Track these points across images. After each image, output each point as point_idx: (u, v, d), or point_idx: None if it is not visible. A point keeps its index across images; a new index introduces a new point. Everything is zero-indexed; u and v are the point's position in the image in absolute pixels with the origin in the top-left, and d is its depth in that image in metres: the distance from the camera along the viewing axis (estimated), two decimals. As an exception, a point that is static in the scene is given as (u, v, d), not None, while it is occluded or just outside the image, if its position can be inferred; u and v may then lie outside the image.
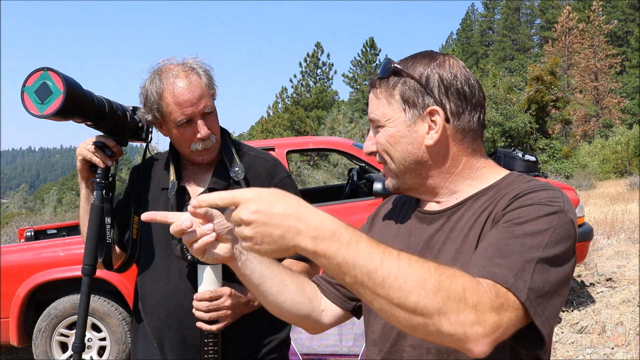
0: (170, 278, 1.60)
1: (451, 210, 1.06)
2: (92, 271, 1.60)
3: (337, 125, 24.70)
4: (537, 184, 0.99)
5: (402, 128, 1.04)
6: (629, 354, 4.00)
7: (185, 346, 1.57)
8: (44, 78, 1.43)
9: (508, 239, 0.88)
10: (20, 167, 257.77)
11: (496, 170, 1.08)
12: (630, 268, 6.33)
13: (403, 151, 1.05)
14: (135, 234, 1.67)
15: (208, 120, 1.56)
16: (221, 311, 1.48)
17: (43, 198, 58.85)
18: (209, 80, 1.58)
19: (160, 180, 1.69)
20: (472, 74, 1.06)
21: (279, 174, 1.68)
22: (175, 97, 1.51)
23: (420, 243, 1.07)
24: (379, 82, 1.07)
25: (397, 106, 1.04)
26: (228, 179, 1.61)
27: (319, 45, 43.31)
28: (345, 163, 18.87)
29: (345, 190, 5.46)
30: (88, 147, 1.60)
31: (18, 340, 4.07)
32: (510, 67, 50.17)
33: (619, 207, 12.54)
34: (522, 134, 29.07)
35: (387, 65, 1.06)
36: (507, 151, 5.78)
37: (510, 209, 0.93)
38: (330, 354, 3.02)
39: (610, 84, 47.65)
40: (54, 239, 4.62)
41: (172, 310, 1.58)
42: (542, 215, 0.90)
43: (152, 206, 1.67)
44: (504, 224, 0.91)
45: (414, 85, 1.03)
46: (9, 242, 10.36)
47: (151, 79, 1.56)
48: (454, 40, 79.14)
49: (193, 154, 1.59)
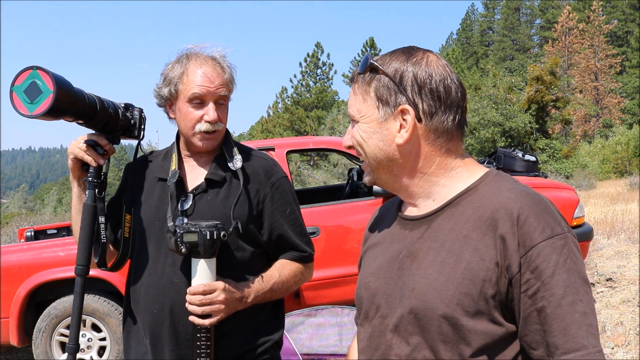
0: (164, 272, 1.60)
1: (431, 216, 1.05)
2: (85, 271, 1.58)
3: (337, 125, 24.70)
4: (523, 196, 0.98)
5: (374, 125, 1.05)
6: (629, 354, 4.00)
7: (179, 341, 1.58)
8: (33, 77, 1.38)
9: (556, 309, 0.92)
10: (20, 167, 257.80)
11: (473, 168, 1.07)
12: (630, 268, 6.33)
13: (374, 147, 1.06)
14: (127, 233, 1.67)
15: (219, 108, 1.61)
16: (214, 305, 1.49)
17: (43, 198, 58.88)
18: (231, 76, 1.64)
19: (157, 171, 1.70)
20: (451, 73, 1.05)
21: (277, 174, 1.70)
22: (197, 75, 1.58)
23: (403, 251, 1.07)
24: (357, 78, 1.08)
25: (371, 103, 1.05)
26: (226, 171, 1.64)
27: (319, 45, 43.29)
28: (345, 163, 18.87)
29: (345, 190, 5.45)
30: (80, 145, 1.58)
31: (18, 340, 4.06)
32: (510, 67, 50.17)
33: (619, 207, 12.54)
34: (522, 134, 29.05)
35: (365, 61, 1.06)
36: (507, 151, 5.78)
37: (527, 267, 0.93)
38: (330, 354, 3.03)
39: (610, 84, 47.62)
40: (54, 239, 4.62)
41: (165, 304, 1.58)
42: (560, 264, 0.93)
43: (146, 197, 1.67)
44: (537, 297, 0.93)
45: (388, 83, 1.03)
46: (9, 242, 10.35)
47: (179, 59, 1.62)
48: (454, 40, 79.16)
49: (195, 137, 1.61)
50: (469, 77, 37.57)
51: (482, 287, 0.94)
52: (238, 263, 1.62)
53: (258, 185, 1.66)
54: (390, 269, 1.07)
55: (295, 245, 1.70)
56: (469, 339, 0.94)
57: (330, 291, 4.25)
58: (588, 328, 0.91)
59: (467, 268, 0.95)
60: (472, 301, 0.94)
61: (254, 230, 1.64)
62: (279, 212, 1.67)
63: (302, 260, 1.72)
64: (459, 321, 0.94)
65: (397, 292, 1.03)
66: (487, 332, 0.94)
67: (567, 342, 0.90)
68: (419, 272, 1.01)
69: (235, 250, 1.61)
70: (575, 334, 0.90)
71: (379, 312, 1.07)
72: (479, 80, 34.77)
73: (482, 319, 0.94)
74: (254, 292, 1.59)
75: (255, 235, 1.65)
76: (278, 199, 1.67)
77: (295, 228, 1.70)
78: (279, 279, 1.65)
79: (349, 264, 4.21)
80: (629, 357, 3.94)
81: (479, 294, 0.94)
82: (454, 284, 0.95)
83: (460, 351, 0.95)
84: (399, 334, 1.01)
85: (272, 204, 1.66)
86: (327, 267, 4.23)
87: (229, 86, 1.63)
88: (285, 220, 1.68)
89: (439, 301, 0.96)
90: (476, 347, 0.94)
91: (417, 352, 0.99)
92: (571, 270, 0.92)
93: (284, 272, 1.67)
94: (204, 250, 1.48)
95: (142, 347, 1.65)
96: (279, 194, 1.68)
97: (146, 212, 1.66)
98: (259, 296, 1.60)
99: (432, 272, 0.99)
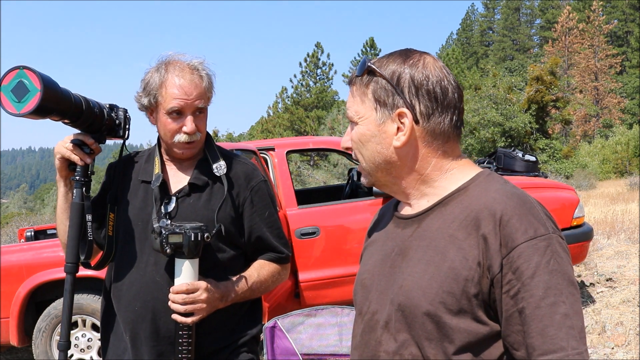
0: (146, 270, 1.64)
1: (421, 215, 1.07)
2: (74, 269, 1.62)
3: (337, 125, 24.71)
4: (508, 197, 0.98)
5: (372, 127, 1.05)
6: (629, 354, 4.00)
7: (159, 338, 1.61)
8: (20, 76, 1.41)
9: (535, 310, 0.92)
10: (20, 167, 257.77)
11: (467, 169, 1.08)
12: (630, 268, 6.33)
13: (372, 150, 1.06)
14: (110, 231, 1.70)
15: (197, 119, 1.64)
16: (197, 304, 1.54)
17: (43, 198, 58.89)
18: (209, 84, 1.67)
19: (140, 174, 1.73)
20: (448, 75, 1.05)
21: (256, 178, 1.75)
22: (174, 87, 1.60)
23: (395, 248, 1.08)
24: (355, 80, 1.08)
25: (369, 105, 1.05)
26: (209, 176, 1.68)
27: (319, 45, 43.29)
28: (345, 163, 18.87)
29: (345, 190, 5.46)
30: (66, 145, 1.61)
31: (18, 340, 4.06)
32: (510, 67, 50.18)
33: (619, 207, 12.54)
34: (522, 134, 29.05)
35: (363, 63, 1.07)
36: (507, 151, 5.79)
37: (509, 268, 0.93)
38: (330, 354, 3.02)
39: (610, 84, 47.62)
40: (54, 239, 4.61)
41: (147, 302, 1.61)
42: (542, 266, 0.92)
43: (130, 199, 1.70)
44: (519, 296, 0.93)
45: (385, 85, 1.03)
46: (9, 242, 10.35)
47: (157, 67, 1.65)
48: (454, 40, 79.18)
49: (175, 146, 1.66)
50: (469, 77, 37.59)
51: (465, 286, 0.95)
52: (219, 263, 1.67)
53: (238, 189, 1.71)
54: (384, 266, 1.09)
55: (273, 247, 1.76)
56: (452, 337, 0.96)
57: (330, 291, 4.25)
58: (569, 330, 0.90)
59: (451, 267, 0.97)
60: (454, 299, 0.95)
61: (234, 232, 1.69)
62: (258, 215, 1.73)
63: (279, 261, 1.78)
64: (442, 319, 0.96)
65: (389, 288, 1.05)
66: (470, 331, 0.95)
67: (545, 343, 0.90)
68: (407, 270, 1.03)
69: (216, 251, 1.66)
70: (554, 336, 0.90)
71: (370, 308, 1.09)
72: (479, 80, 34.78)
73: (465, 318, 0.95)
74: (234, 291, 1.64)
75: (236, 237, 1.70)
76: (257, 202, 1.73)
77: (273, 230, 1.76)
78: (257, 279, 1.70)
79: (349, 264, 4.21)
80: (629, 357, 3.94)
81: (462, 293, 0.95)
82: (438, 282, 0.97)
83: (444, 349, 0.97)
84: (388, 330, 1.03)
85: (252, 207, 1.72)
86: (327, 267, 4.23)
87: (207, 95, 1.66)
88: (263, 222, 1.73)
89: (422, 299, 0.97)
90: (459, 344, 0.96)
91: (404, 349, 1.00)
92: (554, 272, 0.92)
93: (262, 272, 1.72)
94: (188, 251, 1.52)
95: (121, 343, 1.68)
96: (258, 197, 1.74)
97: (130, 212, 1.69)
98: (239, 295, 1.65)
99: (418, 270, 1.00)
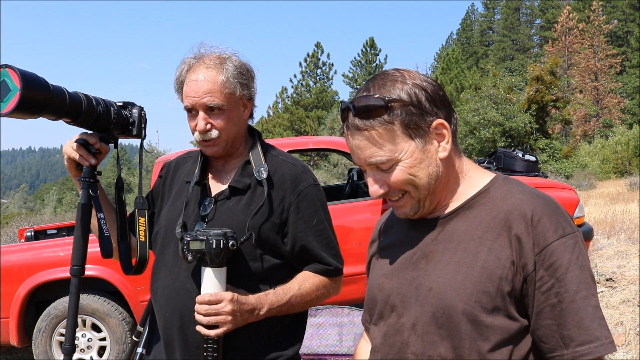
0: (179, 275, 1.56)
1: (445, 218, 1.09)
2: (80, 272, 1.56)
3: (337, 125, 24.70)
4: (535, 198, 1.04)
5: (417, 155, 1.04)
6: (629, 354, 4.00)
7: (187, 347, 1.54)
8: (2, 76, 1.37)
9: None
10: (20, 167, 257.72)
11: (480, 171, 1.13)
12: (630, 268, 6.33)
13: (426, 175, 1.06)
14: (142, 236, 1.63)
15: (213, 116, 1.56)
16: (220, 316, 1.43)
17: (43, 198, 58.89)
18: (228, 79, 1.55)
19: (187, 174, 1.68)
20: (428, 77, 1.09)
21: (305, 182, 1.61)
22: (187, 85, 1.57)
23: (417, 252, 1.10)
24: (366, 124, 1.02)
25: (402, 138, 1.03)
26: (250, 179, 1.59)
27: (319, 45, 43.29)
28: (345, 163, 18.88)
29: (345, 190, 5.45)
30: (72, 145, 1.57)
31: (18, 340, 4.06)
32: (510, 67, 50.17)
33: (619, 207, 12.54)
34: (522, 134, 29.06)
35: (369, 105, 1.02)
36: (507, 151, 5.78)
37: (542, 265, 0.98)
38: (330, 354, 3.02)
39: (610, 84, 47.61)
40: (54, 239, 4.63)
41: (177, 308, 1.54)
42: (573, 262, 0.98)
43: (175, 199, 1.66)
44: (554, 291, 0.98)
45: (411, 109, 1.02)
46: (9, 242, 10.36)
47: (183, 62, 1.61)
48: (454, 40, 79.10)
49: (199, 145, 1.62)
50: (469, 77, 37.58)
51: (499, 284, 0.99)
52: (253, 273, 1.54)
53: (284, 192, 1.58)
54: (405, 270, 1.10)
55: (319, 257, 1.60)
56: (488, 335, 0.99)
57: (330, 291, 4.24)
58: (600, 321, 0.97)
59: (484, 267, 1.00)
60: (489, 298, 0.99)
61: (275, 240, 1.56)
62: (304, 222, 1.58)
63: (326, 273, 1.61)
64: (478, 317, 0.99)
65: (412, 292, 1.07)
66: (504, 327, 0.99)
67: (582, 334, 0.96)
68: (435, 272, 1.05)
69: (250, 260, 1.54)
70: (589, 327, 0.96)
71: (395, 312, 1.10)
72: (479, 80, 34.77)
73: (499, 315, 0.99)
74: (268, 304, 1.50)
75: (277, 245, 1.57)
76: (304, 208, 1.58)
77: (321, 240, 1.60)
78: (297, 292, 1.55)
79: (349, 264, 4.18)
80: (629, 357, 3.94)
81: (496, 291, 0.99)
82: (472, 282, 1.00)
83: (478, 347, 0.99)
84: (416, 332, 1.05)
85: (297, 213, 1.58)
86: (327, 267, 4.22)
87: (224, 91, 1.54)
88: (310, 231, 1.58)
89: (457, 299, 1.00)
90: (494, 342, 0.99)
91: (432, 350, 1.02)
92: (582, 267, 0.99)
93: (304, 285, 1.57)
94: (210, 258, 1.43)
95: (159, 346, 1.64)
96: (305, 203, 1.59)
97: (171, 214, 1.63)
98: (274, 309, 1.51)
99: (449, 271, 1.03)
